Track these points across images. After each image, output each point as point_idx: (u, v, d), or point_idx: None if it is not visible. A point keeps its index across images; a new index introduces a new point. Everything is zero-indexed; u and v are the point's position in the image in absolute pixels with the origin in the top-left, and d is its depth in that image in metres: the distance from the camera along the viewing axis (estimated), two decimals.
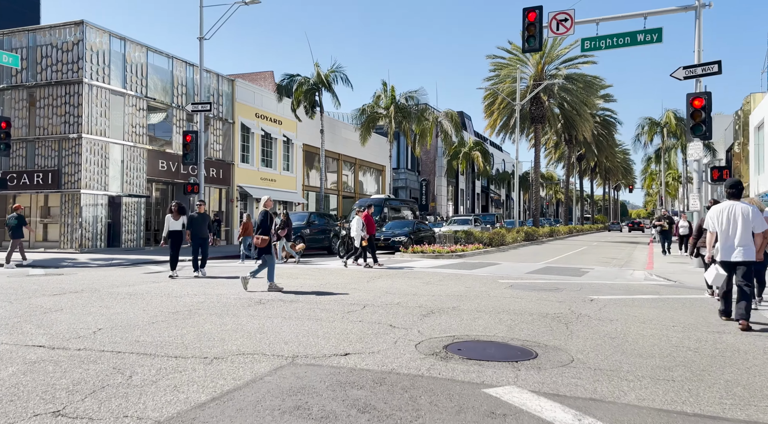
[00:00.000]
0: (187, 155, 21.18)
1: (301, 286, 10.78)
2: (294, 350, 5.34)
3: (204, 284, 11.10)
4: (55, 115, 23.09)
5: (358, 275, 12.98)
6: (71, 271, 14.65)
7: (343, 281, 11.77)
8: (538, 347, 5.51)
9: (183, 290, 10.26)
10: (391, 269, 14.72)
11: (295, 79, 30.03)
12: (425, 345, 5.50)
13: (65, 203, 22.83)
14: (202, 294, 9.55)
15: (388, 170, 51.41)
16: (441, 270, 14.40)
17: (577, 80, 37.92)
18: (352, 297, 9.13)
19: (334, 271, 14.34)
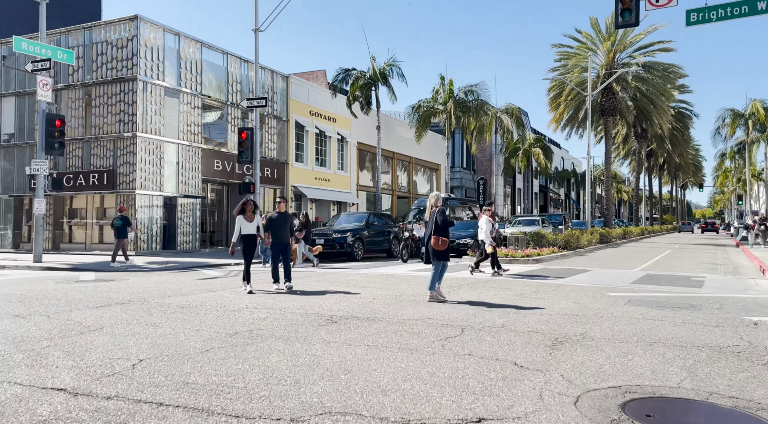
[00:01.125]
0: (243, 153, 20.14)
1: (374, 298, 9.24)
2: (397, 407, 3.76)
3: (263, 295, 9.73)
4: (110, 114, 22.61)
5: (419, 283, 11.33)
6: (123, 276, 13.70)
7: (418, 291, 10.17)
8: (763, 410, 3.72)
9: (240, 301, 8.92)
10: (469, 276, 13.01)
11: (350, 73, 28.73)
12: (589, 405, 3.79)
13: (121, 204, 22.24)
14: (263, 308, 8.16)
15: (445, 169, 49.56)
16: (526, 279, 12.57)
17: (653, 68, 34.94)
18: (439, 314, 7.51)
19: (403, 278, 12.76)
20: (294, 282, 10.98)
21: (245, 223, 10.26)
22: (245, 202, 10.24)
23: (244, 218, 10.24)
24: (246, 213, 10.28)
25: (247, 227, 10.28)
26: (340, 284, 11.45)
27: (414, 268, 15.73)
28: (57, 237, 24.09)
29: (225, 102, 26.10)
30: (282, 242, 10.39)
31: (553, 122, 38.45)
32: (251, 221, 10.27)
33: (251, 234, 10.34)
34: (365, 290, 10.29)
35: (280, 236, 10.37)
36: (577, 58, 35.97)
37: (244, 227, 10.24)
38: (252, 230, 10.30)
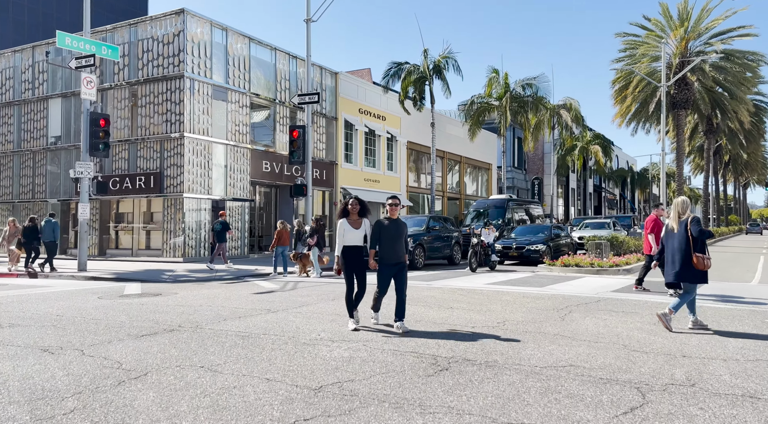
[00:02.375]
0: (294, 153, 18.73)
1: (473, 326, 7.46)
2: None
3: (336, 319, 8.09)
4: (157, 114, 21.61)
5: (537, 304, 9.48)
6: (170, 289, 12.37)
7: (521, 316, 8.34)
8: None
9: (309, 328, 7.31)
10: (570, 296, 11.08)
11: (403, 67, 27.04)
12: None
13: (168, 208, 21.25)
14: (340, 339, 6.51)
15: (499, 168, 47.32)
16: (636, 296, 10.55)
17: (733, 56, 31.88)
18: (584, 358, 5.68)
19: (489, 295, 10.92)
20: None
21: (349, 229, 7.27)
22: (349, 203, 7.43)
23: (348, 222, 7.31)
24: (350, 216, 7.35)
25: (352, 235, 7.28)
26: (417, 302, 9.72)
27: (491, 280, 13.86)
28: (103, 242, 23.29)
29: (273, 100, 24.84)
30: (393, 263, 7.19)
31: (618, 116, 35.75)
32: (358, 227, 7.31)
33: (356, 246, 7.29)
34: (453, 313, 8.53)
35: (391, 253, 7.17)
36: (645, 46, 33.25)
37: (347, 236, 7.28)
38: (357, 241, 7.30)
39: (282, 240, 15.99)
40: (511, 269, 17.22)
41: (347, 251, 7.24)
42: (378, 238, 7.18)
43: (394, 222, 7.26)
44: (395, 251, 7.19)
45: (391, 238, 7.16)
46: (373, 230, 7.21)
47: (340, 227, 7.28)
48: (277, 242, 15.95)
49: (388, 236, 7.15)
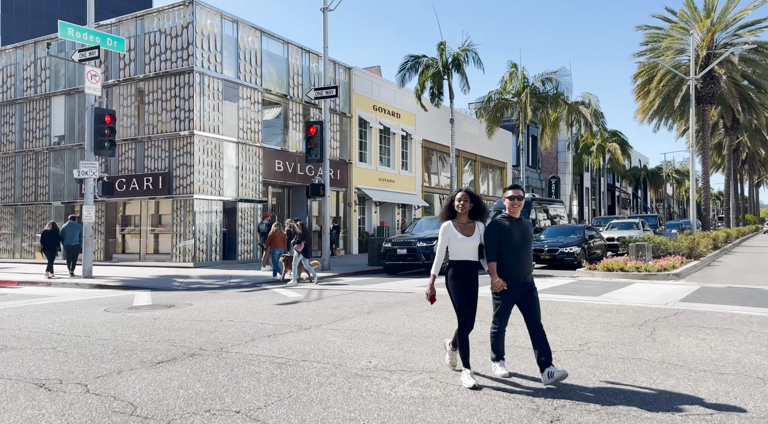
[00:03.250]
0: (312, 151, 17.59)
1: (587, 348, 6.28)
2: None
3: (382, 339, 6.93)
4: (165, 111, 20.52)
5: (608, 318, 8.31)
6: (183, 298, 11.24)
7: (600, 336, 7.19)
8: None
9: (355, 349, 6.16)
10: (639, 307, 9.89)
11: (420, 60, 25.85)
12: None
13: (177, 210, 20.16)
14: (403, 370, 5.34)
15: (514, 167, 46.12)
16: (714, 307, 9.35)
17: (764, 48, 30.51)
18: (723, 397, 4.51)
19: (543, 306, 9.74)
20: (395, 309, 8.11)
21: (459, 237, 4.90)
22: (456, 198, 4.97)
23: (456, 226, 4.94)
24: (458, 217, 4.97)
25: (463, 245, 4.90)
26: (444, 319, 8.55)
27: None
28: (109, 247, 22.22)
29: (286, 96, 23.72)
30: (522, 282, 4.91)
31: (641, 112, 34.44)
32: (470, 233, 4.92)
33: (469, 261, 4.93)
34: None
35: (517, 268, 4.88)
36: (669, 39, 31.96)
37: (456, 246, 4.92)
38: (471, 253, 4.93)
39: (275, 242, 14.97)
40: (547, 274, 16.01)
41: (459, 268, 4.90)
42: (498, 246, 4.85)
43: (516, 223, 4.92)
44: (523, 264, 4.87)
45: (516, 246, 4.84)
46: (489, 234, 4.90)
47: (444, 234, 4.93)
48: (270, 245, 15.06)
49: (512, 244, 4.83)
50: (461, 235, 4.91)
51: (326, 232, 17.89)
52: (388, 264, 16.71)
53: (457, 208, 4.95)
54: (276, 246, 15.12)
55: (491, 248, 4.91)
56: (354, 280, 15.09)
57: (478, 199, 5.03)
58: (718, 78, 30.80)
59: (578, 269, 16.51)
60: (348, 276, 16.49)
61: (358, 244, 27.33)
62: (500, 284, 4.85)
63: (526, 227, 5.01)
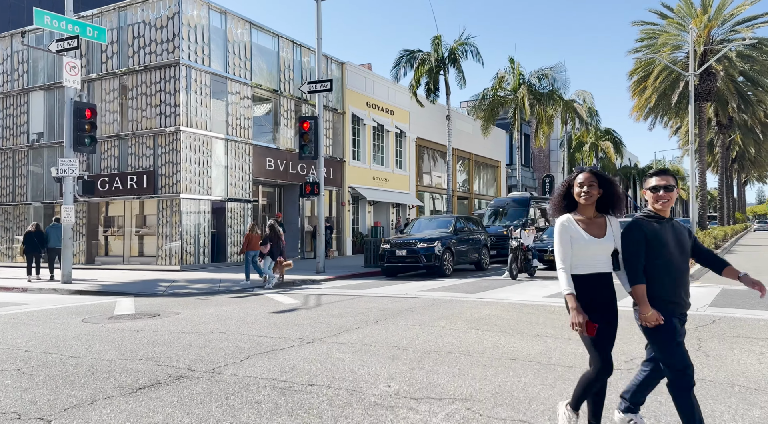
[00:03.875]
0: (305, 147, 16.73)
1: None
2: None
3: (398, 355, 6.11)
4: (150, 106, 19.53)
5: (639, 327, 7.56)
6: (169, 306, 10.34)
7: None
8: None
9: (368, 368, 5.34)
10: None
11: (415, 55, 25.07)
12: None
13: (163, 211, 19.18)
14: (429, 397, 4.53)
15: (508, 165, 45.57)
16: (749, 313, 8.66)
17: (762, 44, 30.13)
18: None
19: (563, 313, 9.00)
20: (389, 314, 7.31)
21: (584, 238, 3.32)
22: (575, 178, 3.41)
23: (579, 223, 3.37)
24: (580, 209, 3.41)
25: (591, 250, 3.32)
26: (481, 324, 7.78)
27: (544, 291, 11.93)
28: (91, 249, 21.16)
29: (276, 92, 22.81)
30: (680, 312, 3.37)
31: (636, 110, 33.95)
32: (601, 233, 3.35)
33: (602, 273, 3.36)
34: (546, 344, 6.57)
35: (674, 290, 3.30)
36: (666, 35, 31.48)
37: (581, 253, 3.32)
38: (603, 264, 3.37)
39: (252, 244, 14.09)
40: (554, 276, 15.30)
41: (589, 284, 3.32)
42: (645, 257, 3.28)
43: (668, 225, 3.33)
44: (684, 286, 3.34)
45: (673, 259, 3.28)
46: (631, 240, 3.30)
47: (564, 234, 3.33)
48: (246, 247, 14.16)
49: (667, 256, 3.26)
50: (588, 235, 3.29)
51: (321, 232, 17.04)
52: (386, 266, 15.91)
53: (579, 199, 3.33)
54: (252, 248, 14.31)
55: (636, 262, 3.24)
56: (352, 283, 14.26)
57: (610, 182, 3.39)
58: (714, 75, 30.39)
59: None
60: (345, 279, 15.67)
61: (352, 245, 26.50)
62: (655, 318, 3.19)
63: (682, 232, 3.35)
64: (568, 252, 3.33)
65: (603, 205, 3.41)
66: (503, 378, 4.99)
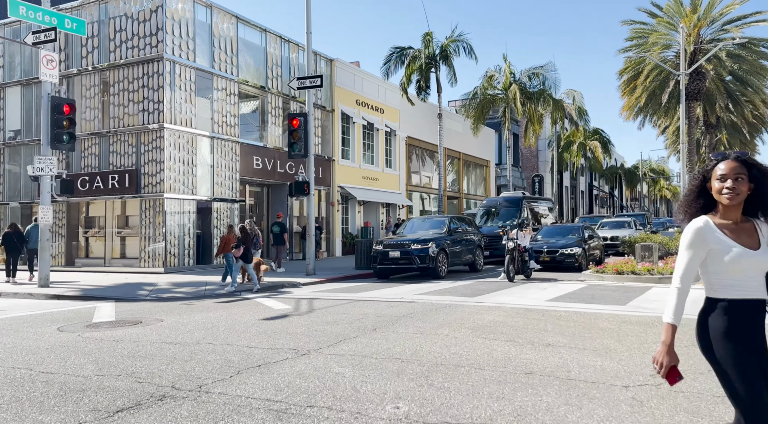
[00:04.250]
0: (295, 145, 16.18)
1: (611, 378, 5.08)
2: None
3: (403, 369, 5.62)
4: (132, 102, 18.82)
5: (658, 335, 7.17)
6: (152, 312, 9.75)
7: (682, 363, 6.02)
8: None
9: (373, 386, 4.85)
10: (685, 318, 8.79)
11: (406, 52, 24.60)
12: None
13: (146, 211, 18.50)
14: (434, 409, 4.06)
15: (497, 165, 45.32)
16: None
17: (751, 44, 30.15)
18: None
19: (573, 319, 8.59)
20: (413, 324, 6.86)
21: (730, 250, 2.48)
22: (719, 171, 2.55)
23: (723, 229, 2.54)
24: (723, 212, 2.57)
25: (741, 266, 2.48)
26: (486, 332, 7.35)
27: (544, 294, 11.53)
28: (71, 250, 20.39)
29: (264, 88, 22.20)
30: None
31: (626, 109, 33.84)
32: (755, 243, 2.51)
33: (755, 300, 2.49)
34: (560, 355, 6.13)
35: None
36: (656, 34, 31.39)
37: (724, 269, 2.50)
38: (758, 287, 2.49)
39: (228, 247, 13.55)
40: (550, 277, 14.95)
41: (737, 313, 2.49)
42: None
43: None
44: None
45: None
46: None
47: (697, 244, 2.54)
48: (223, 249, 13.69)
49: None
50: (738, 245, 2.48)
51: (311, 233, 16.49)
52: (379, 268, 15.43)
53: (721, 197, 2.53)
54: (229, 250, 13.78)
55: None
56: (344, 286, 13.75)
57: (764, 174, 2.53)
58: (704, 74, 30.35)
59: (584, 271, 15.49)
60: (336, 282, 15.15)
61: (341, 245, 25.97)
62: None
63: None
64: (693, 268, 2.53)
65: (751, 205, 2.55)
66: (522, 397, 4.53)
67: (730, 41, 28.29)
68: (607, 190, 78.40)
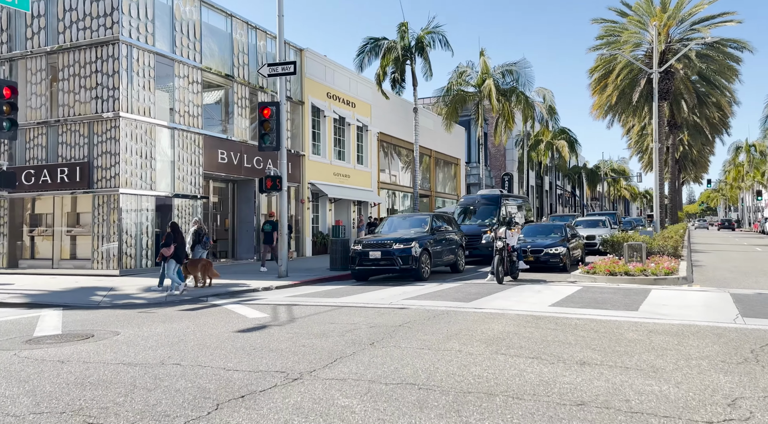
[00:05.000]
0: (266, 137, 14.93)
1: (677, 413, 4.22)
2: None
3: (424, 400, 4.61)
4: (84, 89, 17.17)
5: (703, 347, 6.40)
6: (107, 322, 8.43)
7: (733, 382, 5.21)
8: None
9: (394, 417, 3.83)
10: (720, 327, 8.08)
11: (380, 43, 23.59)
12: None
13: (99, 208, 16.90)
14: None
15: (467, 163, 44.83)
16: None
17: (719, 44, 30.43)
18: None
19: (593, 328, 7.75)
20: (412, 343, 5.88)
21: None
22: None
23: None
24: None
25: None
26: (499, 345, 6.42)
27: (543, 298, 10.72)
28: (15, 251, 18.53)
29: (229, 77, 20.78)
30: None
31: (596, 108, 33.76)
32: None
33: None
34: (602, 376, 5.25)
35: None
36: (627, 33, 31.35)
37: None
38: None
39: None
40: (538, 278, 14.22)
41: None
42: None
43: None
44: None
45: None
46: None
47: None
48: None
49: None
50: None
51: (283, 232, 15.29)
52: (358, 269, 14.37)
53: None
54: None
55: None
56: (322, 290, 12.64)
57: None
58: (673, 74, 30.47)
59: (572, 272, 14.83)
60: (312, 284, 14.03)
61: (312, 245, 24.76)
62: None
63: None
64: None
65: None
66: None
67: (700, 41, 28.42)
68: (569, 189, 79.37)
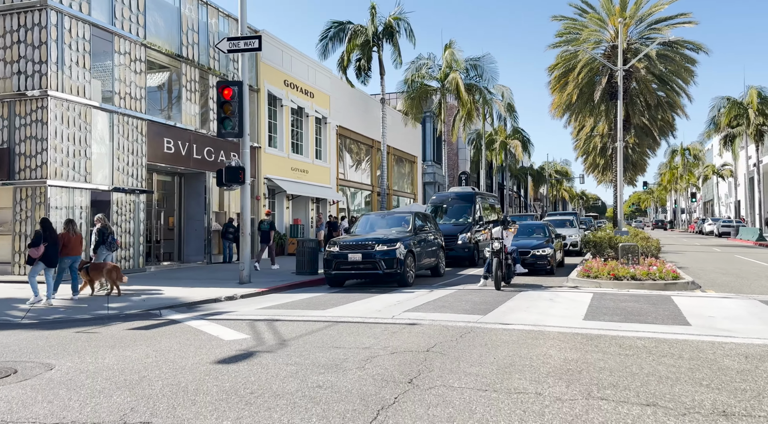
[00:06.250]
0: (227, 121, 12.92)
1: None
2: None
3: None
4: (3, 62, 14.49)
5: None
6: (35, 349, 6.32)
7: None
8: None
9: None
10: None
11: (346, 27, 21.84)
12: None
13: (21, 202, 14.29)
14: None
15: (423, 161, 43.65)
16: None
17: (676, 45, 30.66)
18: None
19: (671, 357, 6.41)
20: None
21: None
22: None
23: None
24: None
25: None
26: (583, 381, 4.96)
27: (570, 312, 9.42)
28: None
29: (178, 57, 18.46)
30: None
31: (555, 107, 33.40)
32: None
33: None
34: None
35: None
36: (588, 31, 31.11)
37: None
38: None
39: (68, 248, 10.69)
40: (532, 283, 12.99)
41: None
42: None
43: None
44: None
45: None
46: None
47: None
48: (61, 253, 10.58)
49: None
50: None
51: (246, 231, 13.32)
52: (335, 274, 12.65)
53: None
54: (69, 253, 10.64)
55: None
56: (298, 299, 10.81)
57: None
58: (631, 74, 30.44)
59: (569, 275, 13.69)
60: (281, 291, 12.19)
61: None
62: None
63: None
64: None
65: None
66: None
67: (661, 40, 28.46)
68: (515, 189, 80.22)
